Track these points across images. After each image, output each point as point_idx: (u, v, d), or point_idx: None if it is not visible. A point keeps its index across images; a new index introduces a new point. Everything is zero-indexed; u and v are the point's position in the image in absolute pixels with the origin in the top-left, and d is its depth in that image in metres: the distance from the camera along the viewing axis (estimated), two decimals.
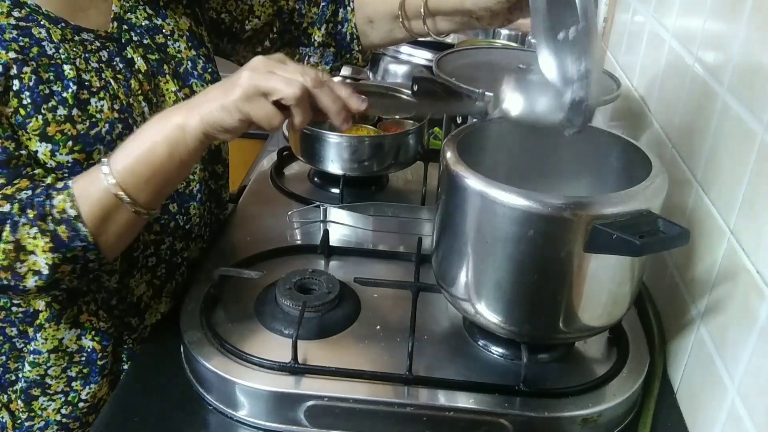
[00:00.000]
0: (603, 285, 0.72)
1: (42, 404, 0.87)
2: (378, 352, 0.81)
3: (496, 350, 0.82)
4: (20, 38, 0.76)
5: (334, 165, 1.11)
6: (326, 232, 1.00)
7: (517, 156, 0.87)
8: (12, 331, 0.85)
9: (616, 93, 1.06)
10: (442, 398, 0.75)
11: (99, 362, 0.87)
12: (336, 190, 1.13)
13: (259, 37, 1.08)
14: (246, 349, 0.79)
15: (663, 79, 1.01)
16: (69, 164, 0.78)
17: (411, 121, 1.20)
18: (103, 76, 0.82)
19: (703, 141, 0.82)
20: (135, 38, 0.87)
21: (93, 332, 0.86)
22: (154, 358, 0.85)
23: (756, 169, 0.69)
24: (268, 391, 0.75)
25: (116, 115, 0.81)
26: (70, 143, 0.77)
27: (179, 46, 0.92)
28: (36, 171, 0.75)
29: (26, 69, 0.75)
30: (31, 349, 0.85)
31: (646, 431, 0.77)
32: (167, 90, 0.90)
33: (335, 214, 1.08)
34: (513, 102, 0.72)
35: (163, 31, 0.91)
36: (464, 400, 0.75)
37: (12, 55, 0.75)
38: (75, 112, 0.78)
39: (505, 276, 0.72)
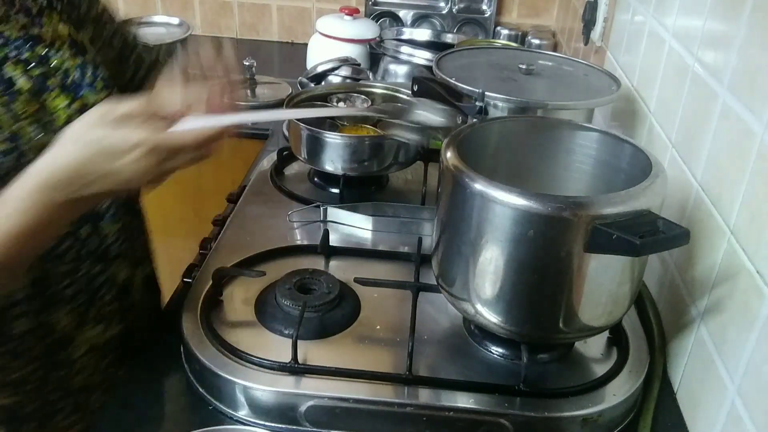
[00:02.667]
0: (603, 285, 0.72)
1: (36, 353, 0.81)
2: (378, 352, 0.81)
3: (496, 350, 0.82)
4: None
5: (334, 165, 1.11)
6: (326, 232, 1.00)
7: (517, 156, 0.88)
8: None
9: (615, 93, 1.07)
10: (442, 398, 0.75)
11: (22, 414, 0.82)
12: (336, 190, 1.13)
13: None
14: (246, 349, 0.79)
15: (663, 79, 1.01)
16: None
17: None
18: None
19: (703, 141, 0.83)
20: (12, 53, 0.77)
21: (9, 388, 0.81)
22: (154, 358, 0.85)
23: (756, 169, 0.69)
24: (268, 391, 0.75)
25: (4, 146, 0.73)
26: None
27: (63, 56, 0.82)
28: None
29: None
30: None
31: (646, 431, 0.77)
32: (56, 107, 0.79)
33: (335, 214, 1.08)
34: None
35: (43, 40, 0.81)
36: (464, 400, 0.75)
37: None
38: None
39: (505, 276, 0.72)
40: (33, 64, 0.79)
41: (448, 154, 0.75)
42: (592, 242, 0.67)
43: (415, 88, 1.11)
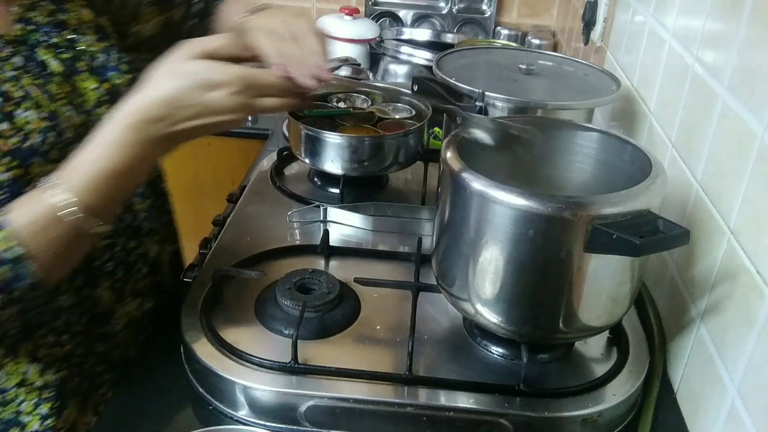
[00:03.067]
0: (603, 285, 0.72)
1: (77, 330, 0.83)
2: (378, 352, 0.81)
3: (496, 350, 0.82)
4: None
5: (334, 165, 1.11)
6: (326, 232, 1.00)
7: (517, 156, 0.87)
8: None
9: (615, 93, 1.07)
10: (442, 398, 0.75)
11: (67, 388, 0.83)
12: (336, 190, 1.13)
13: (147, 46, 1.01)
14: (246, 349, 0.79)
15: (663, 79, 1.01)
16: (8, 182, 0.72)
17: (411, 121, 1.20)
18: (22, 84, 0.76)
19: (703, 141, 0.83)
20: (42, 38, 0.81)
21: (57, 363, 0.82)
22: (154, 358, 0.85)
23: (756, 169, 0.69)
24: (268, 391, 0.75)
25: (45, 123, 0.76)
26: (7, 159, 0.72)
27: (89, 40, 0.86)
28: None
29: None
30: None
31: (646, 431, 0.77)
32: (86, 89, 0.83)
33: (335, 214, 1.08)
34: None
35: (69, 25, 0.85)
36: (464, 400, 0.75)
37: None
38: (3, 125, 0.73)
39: (505, 276, 0.72)
40: (62, 48, 0.82)
41: (448, 154, 0.75)
42: (592, 242, 0.67)
43: (415, 88, 1.11)
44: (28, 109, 0.75)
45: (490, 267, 0.72)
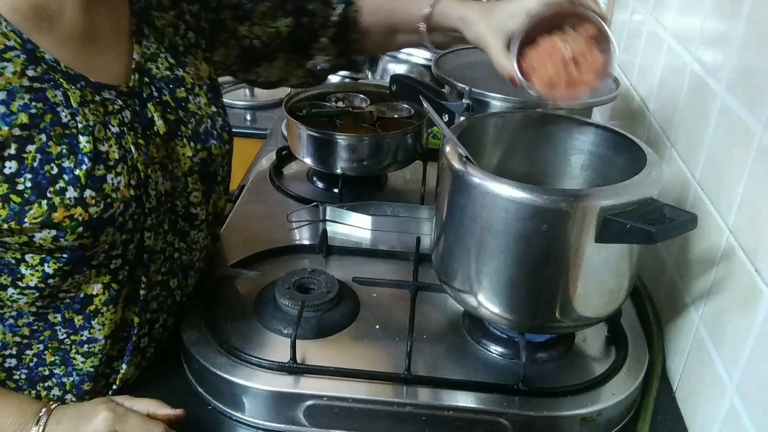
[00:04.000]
0: (608, 274, 0.73)
1: (94, 396, 0.78)
2: (377, 352, 0.81)
3: (495, 349, 0.82)
4: (32, 104, 0.66)
5: (333, 164, 1.11)
6: (325, 232, 1.00)
7: (514, 150, 0.88)
8: (56, 318, 0.74)
9: (615, 92, 1.07)
10: (441, 397, 0.75)
11: (134, 338, 0.79)
12: (335, 190, 1.13)
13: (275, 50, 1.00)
14: (245, 348, 0.79)
15: (662, 78, 1.01)
16: (71, 248, 0.68)
17: (410, 121, 1.20)
18: (123, 143, 0.72)
19: (701, 140, 0.83)
20: (155, 94, 0.77)
21: (138, 304, 0.78)
22: (154, 358, 0.84)
23: (754, 167, 0.69)
24: (268, 390, 0.75)
25: (132, 192, 0.71)
26: (80, 229, 0.67)
27: (200, 102, 0.82)
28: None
29: (30, 147, 0.65)
30: (83, 338, 0.75)
31: (645, 430, 0.77)
32: (183, 155, 0.79)
33: (334, 213, 1.08)
34: None
35: (185, 83, 0.81)
36: (463, 400, 0.75)
37: (16, 131, 0.64)
38: (88, 193, 0.67)
39: (510, 269, 0.72)
40: (171, 108, 0.79)
41: (448, 149, 0.75)
42: (605, 233, 0.68)
43: (394, 87, 1.11)
44: (120, 174, 0.70)
45: (494, 260, 0.72)
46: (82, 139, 0.68)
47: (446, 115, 1.01)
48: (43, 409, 0.67)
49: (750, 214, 0.70)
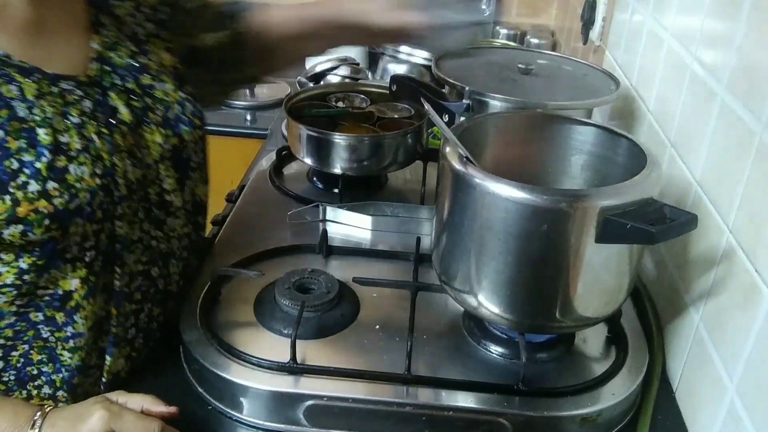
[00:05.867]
0: (608, 274, 0.73)
1: (85, 389, 0.78)
2: (377, 352, 0.81)
3: (495, 349, 0.82)
4: None
5: (333, 164, 1.11)
6: (325, 232, 1.00)
7: (514, 151, 0.88)
8: (37, 316, 0.74)
9: (614, 93, 1.07)
10: (441, 398, 0.75)
11: (114, 329, 0.79)
12: (335, 190, 1.13)
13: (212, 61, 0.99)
14: (245, 349, 0.79)
15: (662, 78, 1.01)
16: (42, 242, 0.68)
17: (410, 121, 1.20)
18: (85, 133, 0.71)
19: (701, 140, 0.83)
20: (118, 82, 0.77)
21: (117, 295, 0.78)
22: (154, 358, 0.84)
23: (754, 168, 0.69)
24: (268, 390, 0.75)
25: (98, 181, 0.71)
26: (46, 222, 0.67)
27: (167, 88, 0.82)
28: None
29: None
30: (68, 334, 0.75)
31: (645, 430, 0.77)
32: (152, 142, 0.79)
33: (334, 213, 1.08)
34: None
35: (149, 70, 0.81)
36: (463, 400, 0.75)
37: None
38: (51, 185, 0.67)
39: (511, 269, 0.72)
40: (137, 95, 0.78)
41: (448, 149, 0.75)
42: (605, 233, 0.68)
43: (394, 87, 1.11)
44: (83, 164, 0.70)
45: (494, 260, 0.72)
46: (41, 131, 0.68)
47: (446, 116, 1.01)
48: (38, 413, 0.67)
49: (750, 214, 0.70)
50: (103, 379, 0.80)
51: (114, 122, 0.75)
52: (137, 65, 0.80)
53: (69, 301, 0.73)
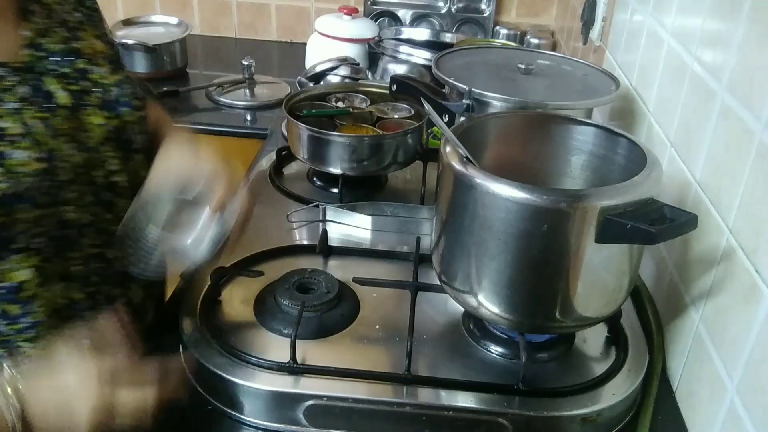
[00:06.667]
0: (609, 273, 0.73)
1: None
2: (377, 352, 0.81)
3: (495, 350, 0.82)
4: None
5: (333, 165, 1.11)
6: (325, 232, 1.00)
7: (514, 151, 0.88)
8: None
9: (614, 93, 1.07)
10: (441, 398, 0.75)
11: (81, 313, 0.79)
12: (335, 190, 1.13)
13: None
14: (245, 349, 0.79)
15: (662, 78, 1.01)
16: None
17: (410, 121, 1.20)
18: (24, 118, 0.71)
19: (701, 140, 0.83)
20: (52, 67, 0.76)
21: (77, 280, 0.78)
22: (154, 358, 0.84)
23: (754, 168, 0.69)
24: (268, 390, 0.75)
25: (40, 165, 0.71)
26: None
27: (103, 71, 0.81)
28: None
29: None
30: (26, 325, 0.75)
31: (645, 430, 0.77)
32: (93, 124, 0.78)
33: (334, 213, 1.08)
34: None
35: (84, 54, 0.80)
36: (463, 400, 0.75)
37: None
38: None
39: (512, 269, 0.72)
40: (72, 78, 0.78)
41: (448, 149, 0.75)
42: (605, 233, 0.68)
43: (394, 87, 1.11)
44: (24, 149, 0.70)
45: (494, 260, 0.73)
46: None
47: (446, 116, 1.01)
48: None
49: (750, 214, 0.70)
50: None
51: (52, 107, 0.74)
52: (71, 50, 0.79)
53: (22, 292, 0.73)
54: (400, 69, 1.67)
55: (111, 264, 0.82)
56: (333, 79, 1.57)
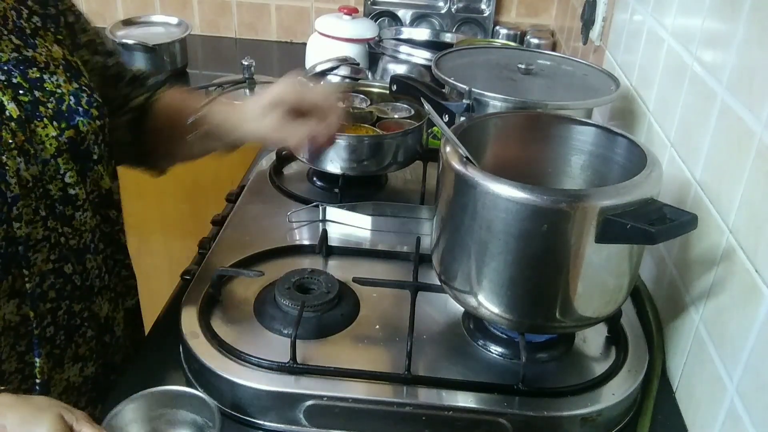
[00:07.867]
0: (609, 273, 0.73)
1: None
2: (377, 352, 0.81)
3: (495, 349, 0.82)
4: None
5: (333, 165, 1.11)
6: (325, 232, 1.00)
7: (514, 151, 0.88)
8: None
9: (614, 93, 1.07)
10: (441, 398, 0.75)
11: (37, 330, 0.78)
12: (335, 190, 1.13)
13: None
14: (245, 348, 0.79)
15: (662, 78, 1.01)
16: None
17: (410, 121, 1.20)
18: None
19: (701, 140, 0.83)
20: (2, 77, 0.74)
21: (29, 296, 0.76)
22: (154, 358, 0.84)
23: (754, 168, 0.69)
24: (267, 390, 0.75)
25: None
26: None
27: (58, 80, 0.78)
28: None
29: None
30: None
31: (645, 430, 0.77)
32: (46, 136, 0.75)
33: (334, 213, 1.08)
34: None
35: (37, 63, 0.77)
36: (463, 400, 0.75)
37: None
38: None
39: (512, 269, 0.72)
40: (24, 89, 0.75)
41: (448, 149, 0.75)
42: (605, 233, 0.68)
43: (394, 87, 1.12)
44: None
45: (494, 260, 0.72)
46: None
47: (446, 116, 1.01)
48: None
49: (750, 214, 0.70)
50: (37, 381, 0.77)
51: (3, 118, 0.72)
52: (22, 58, 0.76)
53: None
54: (400, 69, 1.67)
55: (70, 279, 0.80)
56: (333, 79, 1.57)
